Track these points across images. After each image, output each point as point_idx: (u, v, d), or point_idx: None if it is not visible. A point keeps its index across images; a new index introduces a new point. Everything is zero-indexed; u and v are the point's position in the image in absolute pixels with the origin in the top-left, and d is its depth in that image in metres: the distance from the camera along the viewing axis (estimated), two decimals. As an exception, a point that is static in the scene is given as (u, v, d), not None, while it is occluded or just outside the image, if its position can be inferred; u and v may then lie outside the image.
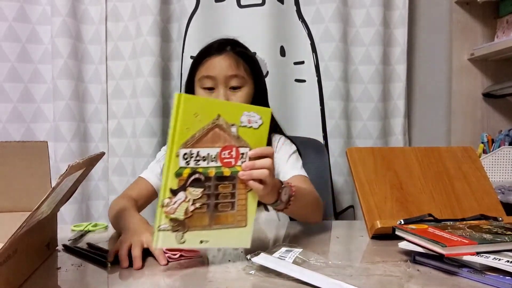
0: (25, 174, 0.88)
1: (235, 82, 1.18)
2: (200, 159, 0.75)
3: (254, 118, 0.77)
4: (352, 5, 1.74)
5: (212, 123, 0.74)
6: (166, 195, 0.74)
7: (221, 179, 0.77)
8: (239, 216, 0.79)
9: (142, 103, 1.65)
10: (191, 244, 0.77)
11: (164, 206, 0.74)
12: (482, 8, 1.80)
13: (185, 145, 0.73)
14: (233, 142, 0.77)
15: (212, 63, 1.18)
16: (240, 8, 1.69)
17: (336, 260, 0.80)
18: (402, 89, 1.79)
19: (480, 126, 1.83)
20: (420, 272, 0.75)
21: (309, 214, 1.07)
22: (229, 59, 1.18)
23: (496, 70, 1.82)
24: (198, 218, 0.76)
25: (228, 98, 1.17)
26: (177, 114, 0.72)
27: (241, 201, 0.79)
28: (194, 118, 0.73)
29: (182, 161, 0.74)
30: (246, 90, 1.20)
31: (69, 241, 0.94)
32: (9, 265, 0.63)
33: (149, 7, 1.63)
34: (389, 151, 1.16)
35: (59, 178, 0.62)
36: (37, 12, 1.68)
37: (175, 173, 0.73)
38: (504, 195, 1.41)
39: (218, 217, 0.78)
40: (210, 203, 0.77)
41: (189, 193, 0.75)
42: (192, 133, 0.73)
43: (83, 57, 1.71)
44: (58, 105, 1.63)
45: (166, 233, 0.75)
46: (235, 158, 0.77)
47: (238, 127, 0.76)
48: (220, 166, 0.76)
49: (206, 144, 0.75)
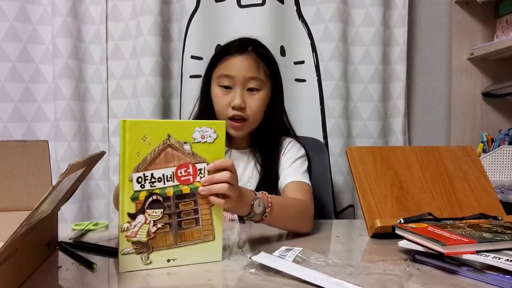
0: (26, 173, 0.88)
1: (253, 84, 1.16)
2: (155, 180, 0.75)
3: (207, 133, 0.77)
4: (352, 5, 1.74)
5: (163, 144, 0.75)
6: (125, 220, 0.74)
7: (181, 197, 0.77)
8: (206, 231, 0.79)
9: (143, 103, 1.65)
10: (158, 264, 0.76)
11: (124, 231, 0.74)
12: (482, 7, 1.80)
13: (137, 169, 0.74)
14: (189, 160, 0.77)
15: (233, 62, 1.16)
16: (240, 8, 1.69)
17: (336, 259, 0.80)
18: (402, 88, 1.79)
19: (479, 125, 1.84)
20: (419, 271, 0.75)
21: (292, 225, 1.01)
22: (250, 60, 1.16)
23: (495, 70, 1.82)
24: (162, 238, 0.76)
25: (245, 99, 1.15)
26: (124, 140, 0.73)
27: (205, 216, 0.79)
28: (142, 142, 0.74)
29: (136, 185, 0.74)
30: (262, 93, 1.18)
31: (70, 240, 0.94)
32: (10, 264, 0.63)
33: (150, 6, 1.63)
34: (389, 151, 1.16)
35: (60, 177, 0.62)
36: (38, 12, 1.68)
37: (131, 198, 0.74)
38: (504, 194, 1.41)
39: (183, 234, 0.78)
40: (173, 222, 0.77)
41: (148, 215, 0.75)
42: (143, 157, 0.74)
43: (84, 57, 1.71)
44: (59, 104, 1.64)
45: (130, 256, 0.75)
46: (192, 175, 0.77)
47: (191, 144, 0.77)
48: (177, 184, 0.77)
49: (159, 165, 0.75)
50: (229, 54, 1.17)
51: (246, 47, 1.18)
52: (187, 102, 1.67)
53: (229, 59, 1.17)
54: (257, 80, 1.16)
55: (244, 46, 1.19)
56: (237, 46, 1.19)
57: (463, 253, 0.73)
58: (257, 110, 1.18)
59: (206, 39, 1.68)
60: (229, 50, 1.19)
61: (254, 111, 1.17)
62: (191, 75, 1.67)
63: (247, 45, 1.19)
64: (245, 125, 1.18)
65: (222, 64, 1.18)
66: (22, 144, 0.88)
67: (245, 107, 1.15)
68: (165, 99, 1.73)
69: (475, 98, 1.84)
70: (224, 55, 1.18)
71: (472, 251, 0.73)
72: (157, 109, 1.66)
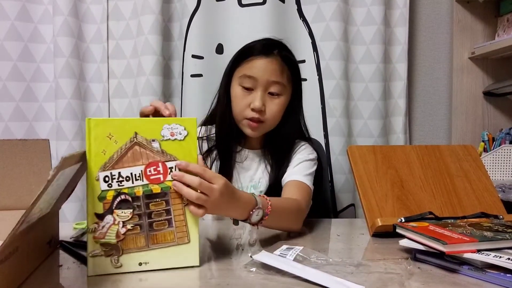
0: (27, 172, 0.88)
1: (275, 88, 1.15)
2: (123, 179, 0.73)
3: (177, 130, 0.75)
4: (353, 3, 1.74)
5: (130, 142, 0.73)
6: (92, 221, 0.72)
7: (151, 196, 0.74)
8: (180, 233, 0.76)
9: (144, 102, 1.65)
10: (129, 267, 0.73)
11: (92, 231, 0.72)
12: (483, 6, 1.80)
13: (103, 168, 0.72)
14: (158, 158, 0.75)
15: (258, 63, 1.14)
16: (241, 7, 1.69)
17: (336, 258, 0.80)
18: (403, 87, 1.79)
19: (481, 124, 1.83)
20: (420, 270, 0.75)
21: (284, 226, 1.02)
22: (276, 64, 1.14)
23: (496, 69, 1.82)
24: (132, 240, 0.73)
25: (265, 103, 1.14)
26: (89, 139, 0.72)
27: (178, 217, 0.76)
28: (108, 140, 0.72)
29: (103, 184, 0.72)
30: (283, 98, 1.17)
31: (71, 239, 0.94)
32: (11, 262, 0.63)
33: (151, 6, 1.63)
34: (390, 149, 1.16)
35: (53, 170, 0.61)
36: (39, 11, 1.68)
37: (98, 197, 0.72)
38: (505, 193, 1.41)
39: (155, 236, 0.75)
40: (143, 223, 0.74)
41: (117, 215, 0.73)
42: (109, 155, 0.73)
43: (85, 56, 1.71)
44: (60, 103, 1.64)
45: (99, 258, 0.72)
46: (163, 173, 0.75)
47: (160, 141, 0.75)
48: (147, 184, 0.74)
49: (126, 164, 0.73)
50: (254, 54, 1.15)
51: (272, 49, 1.16)
52: (188, 101, 1.68)
53: (254, 60, 1.15)
54: (279, 85, 1.15)
55: (270, 48, 1.16)
56: (263, 47, 1.17)
57: (464, 252, 0.73)
58: (276, 114, 1.17)
59: (207, 38, 1.69)
60: (254, 50, 1.17)
61: (273, 115, 1.16)
62: (192, 74, 1.67)
63: (273, 47, 1.17)
64: (261, 126, 1.17)
65: (246, 64, 1.16)
66: (23, 143, 0.88)
67: (265, 110, 1.14)
68: (166, 98, 1.73)
69: (476, 97, 1.83)
70: (249, 55, 1.16)
71: (473, 250, 0.73)
72: (158, 108, 1.66)
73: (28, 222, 0.64)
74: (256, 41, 1.21)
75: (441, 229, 0.81)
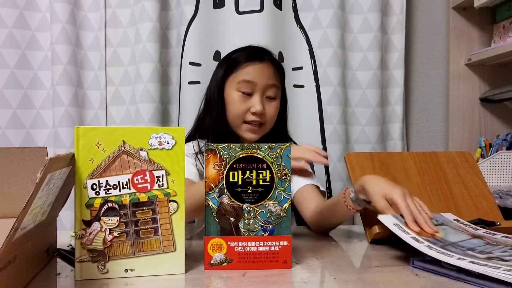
0: (24, 180, 0.88)
1: (272, 92, 1.22)
2: (110, 187, 0.74)
3: (165, 139, 0.76)
4: (350, 11, 1.75)
5: (117, 151, 0.74)
6: (80, 227, 0.73)
7: (138, 205, 0.76)
8: (166, 241, 0.77)
9: (141, 109, 1.65)
10: (115, 274, 0.75)
11: (79, 238, 0.74)
12: (479, 13, 1.81)
13: (91, 175, 0.73)
14: (145, 167, 0.76)
15: (255, 69, 1.20)
16: (238, 14, 1.70)
17: (333, 265, 0.79)
18: (400, 94, 1.79)
19: (477, 131, 1.84)
20: (418, 277, 0.75)
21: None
22: (269, 68, 1.22)
23: (493, 75, 1.83)
24: (119, 247, 0.75)
25: (264, 106, 1.20)
26: (77, 147, 0.73)
27: (165, 225, 0.77)
28: (96, 148, 0.73)
29: (91, 192, 0.74)
30: (277, 101, 1.25)
31: (68, 247, 0.94)
32: (9, 271, 0.63)
33: (148, 13, 1.64)
34: (387, 156, 1.16)
35: (40, 173, 0.60)
36: (37, 18, 1.68)
37: (86, 204, 0.73)
38: (502, 200, 1.41)
39: (141, 244, 0.76)
40: (130, 230, 0.75)
41: (104, 222, 0.74)
42: (97, 163, 0.73)
43: (83, 63, 1.71)
44: (57, 111, 1.64)
45: (86, 264, 0.74)
46: (150, 182, 0.76)
47: (147, 150, 0.76)
48: (134, 192, 0.75)
49: (114, 172, 0.74)
50: (249, 60, 1.21)
51: (263, 55, 1.23)
52: (185, 108, 1.68)
53: (250, 66, 1.20)
54: (275, 88, 1.22)
55: (262, 54, 1.24)
56: (255, 54, 1.23)
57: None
58: (273, 117, 1.24)
59: (204, 45, 1.69)
60: (247, 56, 1.22)
61: (271, 118, 1.24)
62: (189, 81, 1.68)
63: (263, 53, 1.24)
64: (261, 129, 1.23)
65: (242, 70, 1.21)
66: (21, 151, 0.88)
67: (264, 113, 1.21)
68: (164, 105, 1.73)
69: (473, 104, 1.84)
70: (243, 62, 1.22)
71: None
72: (156, 115, 1.66)
73: (23, 229, 0.64)
74: (242, 48, 1.27)
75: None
